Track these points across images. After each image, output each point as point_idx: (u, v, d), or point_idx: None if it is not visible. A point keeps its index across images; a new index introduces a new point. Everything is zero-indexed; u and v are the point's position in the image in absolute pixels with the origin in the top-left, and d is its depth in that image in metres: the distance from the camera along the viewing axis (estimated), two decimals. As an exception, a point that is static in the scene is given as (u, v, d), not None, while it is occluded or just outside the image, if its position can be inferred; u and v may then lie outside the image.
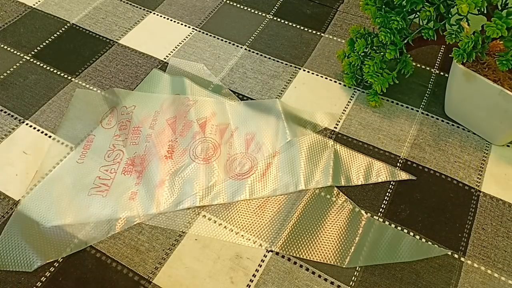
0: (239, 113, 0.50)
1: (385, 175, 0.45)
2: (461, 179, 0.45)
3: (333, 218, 0.42)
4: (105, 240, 0.40)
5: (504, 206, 0.43)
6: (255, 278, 0.38)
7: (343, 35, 0.59)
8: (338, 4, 0.63)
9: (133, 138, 0.47)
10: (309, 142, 0.47)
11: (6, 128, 0.48)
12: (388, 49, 0.45)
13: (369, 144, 0.47)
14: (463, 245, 0.40)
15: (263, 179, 0.44)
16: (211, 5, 0.63)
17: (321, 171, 0.45)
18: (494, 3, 0.39)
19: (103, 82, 0.53)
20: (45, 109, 0.50)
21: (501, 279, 0.38)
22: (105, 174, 0.45)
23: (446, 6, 0.41)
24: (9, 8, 0.61)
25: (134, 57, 0.56)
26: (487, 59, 0.43)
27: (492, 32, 0.38)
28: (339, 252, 0.40)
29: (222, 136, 0.47)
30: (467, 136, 0.48)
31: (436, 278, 0.38)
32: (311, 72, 0.54)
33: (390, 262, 0.39)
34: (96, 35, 0.58)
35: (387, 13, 0.44)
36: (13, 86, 0.52)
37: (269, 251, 0.40)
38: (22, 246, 0.39)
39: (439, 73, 0.54)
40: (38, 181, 0.44)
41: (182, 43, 0.58)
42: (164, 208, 0.42)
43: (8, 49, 0.56)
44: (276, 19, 0.61)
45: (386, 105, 0.51)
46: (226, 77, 0.54)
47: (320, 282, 0.38)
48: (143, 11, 0.62)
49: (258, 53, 0.57)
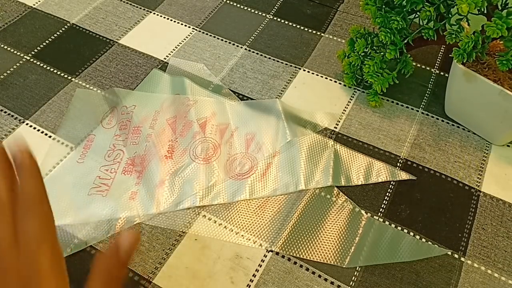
0: (239, 113, 0.50)
1: (385, 175, 0.45)
2: (461, 179, 0.45)
3: (333, 218, 0.42)
4: (105, 240, 0.40)
5: (504, 206, 0.43)
6: (255, 278, 0.38)
7: (343, 35, 0.59)
8: (338, 4, 0.63)
9: (133, 137, 0.47)
10: (309, 142, 0.47)
11: (6, 128, 0.48)
12: (388, 49, 0.45)
13: (369, 144, 0.47)
14: (463, 245, 0.40)
15: (263, 179, 0.44)
16: (211, 5, 0.63)
17: (321, 171, 0.45)
18: (494, 3, 0.39)
19: (103, 82, 0.53)
20: (45, 109, 0.50)
21: (501, 279, 0.38)
22: (105, 174, 0.45)
23: (446, 6, 0.41)
24: (9, 8, 0.61)
25: (134, 57, 0.56)
26: (487, 59, 0.43)
27: (492, 32, 0.38)
28: (339, 252, 0.40)
29: (222, 136, 0.47)
30: (467, 136, 0.48)
31: (436, 278, 0.38)
32: (311, 72, 0.54)
33: (390, 262, 0.39)
34: (96, 35, 0.58)
35: (387, 13, 0.44)
36: (13, 86, 0.52)
37: (269, 251, 0.40)
38: None
39: (439, 73, 0.54)
40: (38, 181, 0.44)
41: (182, 43, 0.58)
42: (164, 208, 0.42)
43: (8, 49, 0.56)
44: (276, 19, 0.61)
45: (386, 105, 0.51)
46: (226, 77, 0.54)
47: (320, 282, 0.38)
48: (143, 11, 0.62)
49: (258, 53, 0.57)
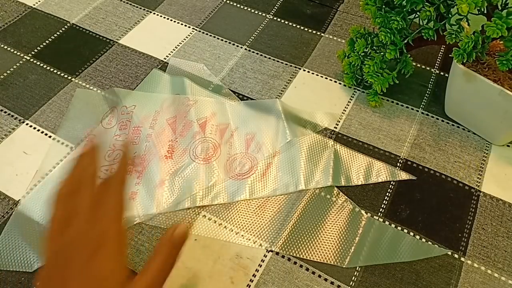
0: (239, 113, 0.50)
1: (385, 175, 0.45)
2: (461, 179, 0.45)
3: (333, 218, 0.42)
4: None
5: (504, 206, 0.43)
6: (255, 278, 0.38)
7: (343, 35, 0.59)
8: (338, 4, 0.63)
9: (133, 138, 0.47)
10: (309, 142, 0.47)
11: (6, 128, 0.48)
12: (388, 49, 0.45)
13: (369, 144, 0.47)
14: (463, 245, 0.40)
15: (263, 179, 0.44)
16: (211, 5, 0.63)
17: (321, 171, 0.45)
18: (494, 3, 0.39)
19: (103, 82, 0.53)
20: (45, 109, 0.50)
21: (501, 279, 0.38)
22: (105, 174, 0.44)
23: (446, 6, 0.41)
24: (9, 8, 0.61)
25: (134, 57, 0.56)
26: (487, 59, 0.43)
27: (492, 32, 0.38)
28: (339, 252, 0.40)
29: (222, 136, 0.47)
30: (467, 136, 0.48)
31: (436, 278, 0.38)
32: (311, 72, 0.54)
33: (390, 262, 0.39)
34: (96, 35, 0.58)
35: (387, 13, 0.44)
36: (13, 86, 0.52)
37: (269, 251, 0.40)
38: (22, 247, 0.39)
39: (439, 73, 0.54)
40: (38, 181, 0.44)
41: (182, 43, 0.58)
42: (164, 208, 0.42)
43: (8, 49, 0.56)
44: (276, 19, 0.61)
45: (386, 105, 0.51)
46: (226, 77, 0.54)
47: (320, 282, 0.38)
48: (143, 11, 0.62)
49: (258, 53, 0.57)
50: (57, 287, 0.27)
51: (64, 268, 0.27)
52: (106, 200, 0.30)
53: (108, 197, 0.30)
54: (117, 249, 0.28)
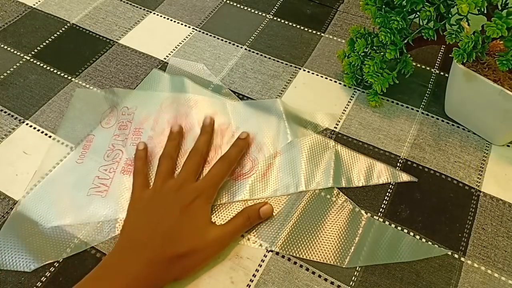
0: (240, 113, 0.50)
1: (386, 177, 0.45)
2: (461, 179, 0.45)
3: (333, 218, 0.42)
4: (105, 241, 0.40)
5: (504, 206, 0.43)
6: (255, 278, 0.38)
7: (343, 35, 0.59)
8: (338, 4, 0.63)
9: (134, 139, 0.47)
10: (310, 142, 0.47)
11: (6, 128, 0.48)
12: (388, 49, 0.45)
13: (369, 144, 0.47)
14: (463, 245, 0.40)
15: (263, 180, 0.44)
16: (211, 5, 0.63)
17: (322, 172, 0.44)
18: (494, 3, 0.39)
19: (103, 82, 0.53)
20: (45, 109, 0.50)
21: (501, 279, 0.38)
22: (104, 174, 0.44)
23: (446, 6, 0.41)
24: (9, 8, 0.61)
25: (134, 57, 0.56)
26: (487, 59, 0.43)
27: (492, 32, 0.38)
28: (339, 252, 0.40)
29: (223, 137, 0.47)
30: (467, 136, 0.48)
31: (436, 278, 0.38)
32: (311, 72, 0.54)
33: (390, 262, 0.39)
34: (96, 35, 0.58)
35: (387, 13, 0.44)
36: (13, 86, 0.52)
37: (269, 251, 0.40)
38: (20, 247, 0.39)
39: (439, 73, 0.54)
40: (38, 181, 0.44)
41: (182, 43, 0.58)
42: (164, 208, 0.42)
43: (8, 49, 0.56)
44: (276, 19, 0.61)
45: (386, 105, 0.51)
46: (226, 77, 0.54)
47: (320, 282, 0.38)
48: (143, 11, 0.62)
49: (258, 53, 0.57)
50: (154, 224, 0.38)
51: (166, 209, 0.39)
52: (185, 166, 0.43)
53: (188, 162, 0.43)
54: (208, 199, 0.41)
